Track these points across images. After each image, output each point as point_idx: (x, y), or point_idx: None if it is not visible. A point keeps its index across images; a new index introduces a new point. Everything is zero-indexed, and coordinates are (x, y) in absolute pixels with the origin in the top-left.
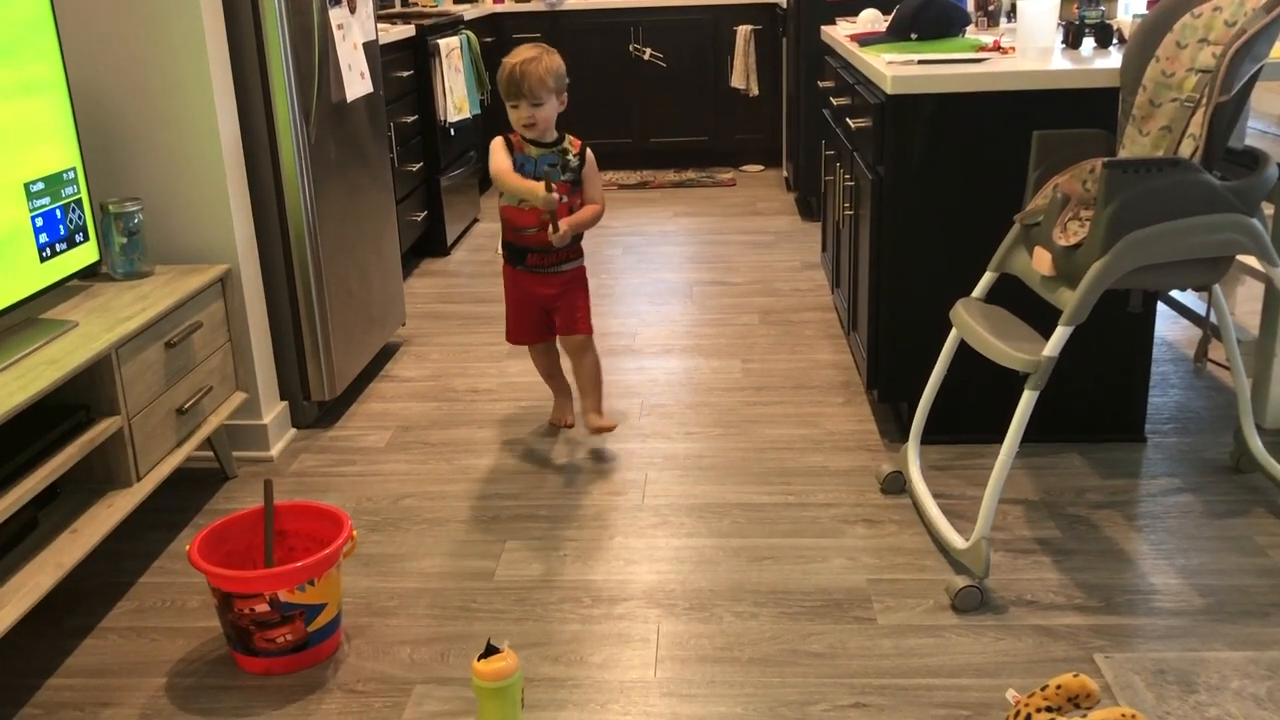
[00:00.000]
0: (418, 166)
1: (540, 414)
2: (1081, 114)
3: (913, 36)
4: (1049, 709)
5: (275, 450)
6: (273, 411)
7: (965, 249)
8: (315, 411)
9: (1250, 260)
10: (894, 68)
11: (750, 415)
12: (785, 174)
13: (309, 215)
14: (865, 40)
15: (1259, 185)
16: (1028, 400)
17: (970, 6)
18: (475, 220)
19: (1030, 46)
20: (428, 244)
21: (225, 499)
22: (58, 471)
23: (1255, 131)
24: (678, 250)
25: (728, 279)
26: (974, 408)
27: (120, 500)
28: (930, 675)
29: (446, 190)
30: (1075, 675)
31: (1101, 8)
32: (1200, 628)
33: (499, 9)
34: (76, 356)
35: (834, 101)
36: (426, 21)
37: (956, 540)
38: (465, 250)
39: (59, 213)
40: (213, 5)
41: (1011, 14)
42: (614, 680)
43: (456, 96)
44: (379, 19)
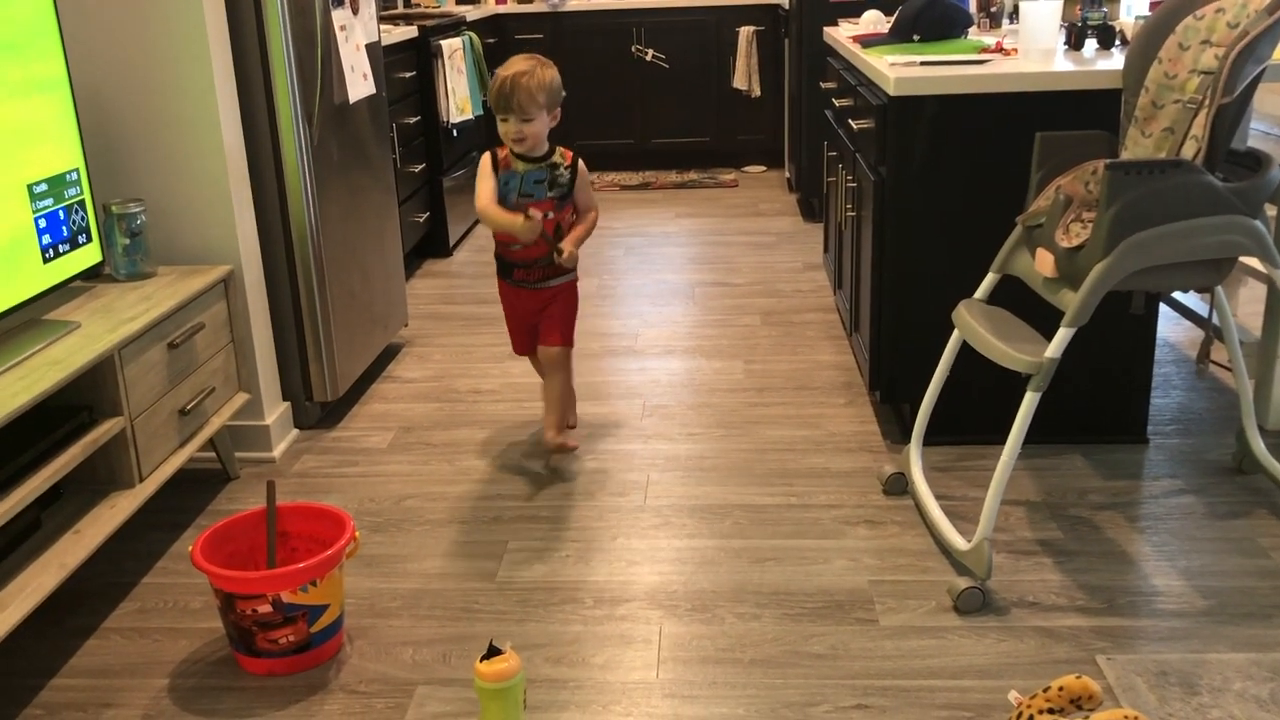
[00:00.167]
0: (420, 167)
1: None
2: (1084, 115)
3: (915, 38)
4: (1051, 711)
5: (277, 451)
6: (275, 412)
7: (967, 250)
8: (317, 412)
9: (1252, 262)
10: (896, 69)
11: (752, 416)
12: (787, 175)
13: (311, 216)
14: (867, 41)
15: (1262, 187)
16: (1030, 402)
17: (973, 8)
18: (477, 221)
19: (1032, 48)
20: (430, 245)
21: (228, 500)
22: (61, 472)
23: (1258, 133)
24: (679, 251)
25: (730, 280)
26: (976, 409)
27: (123, 501)
28: (932, 677)
29: (449, 191)
30: (1077, 677)
31: (1104, 9)
32: (1203, 629)
33: (501, 10)
34: (79, 357)
35: (836, 103)
36: (429, 22)
37: (959, 541)
38: (468, 251)
39: (62, 214)
40: (215, 6)
41: (1014, 15)
42: (616, 681)
43: (459, 97)
44: (381, 20)
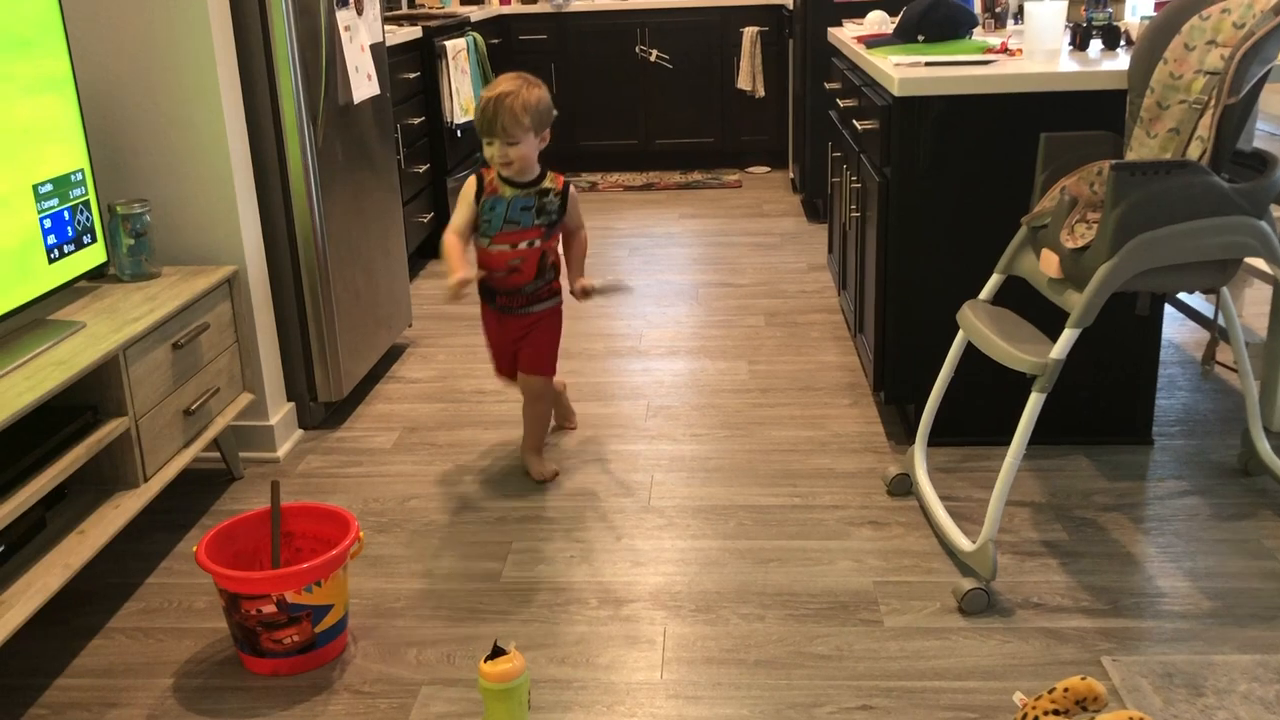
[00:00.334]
0: (424, 168)
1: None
2: (1089, 116)
3: (920, 38)
4: (1056, 712)
5: (282, 451)
6: (279, 412)
7: (972, 251)
8: (322, 412)
9: (1258, 263)
10: (901, 69)
11: (756, 417)
12: (791, 175)
13: (316, 217)
14: (872, 42)
15: (1268, 187)
16: (1035, 402)
17: (977, 9)
18: None
19: (1037, 48)
20: (434, 245)
21: (232, 500)
22: (65, 472)
23: (1264, 134)
24: (683, 252)
25: (734, 280)
26: (981, 410)
27: (127, 501)
28: (937, 678)
29: (453, 192)
30: (1083, 678)
31: (1109, 10)
32: (1208, 631)
33: (506, 10)
34: (84, 357)
35: (840, 103)
36: (433, 23)
37: (963, 542)
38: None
39: (67, 214)
40: (220, 7)
41: (1019, 16)
42: (620, 682)
43: (463, 98)
44: (385, 20)
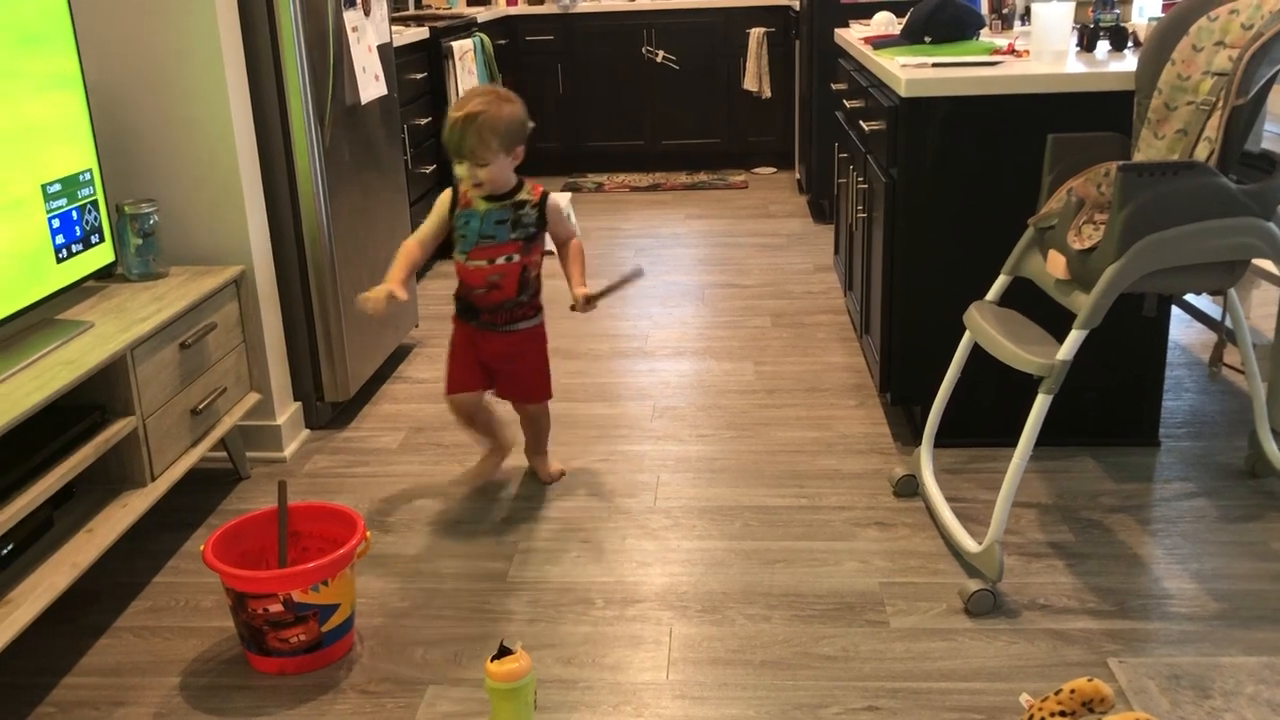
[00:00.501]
0: (431, 168)
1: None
2: (1096, 117)
3: (926, 39)
4: (1063, 714)
5: (289, 451)
6: (286, 412)
7: (979, 252)
8: (329, 412)
9: (1266, 264)
10: (908, 70)
11: (762, 418)
12: (797, 176)
13: (323, 217)
14: (879, 43)
15: (1276, 188)
16: (1041, 404)
17: (984, 10)
18: None
19: (1045, 50)
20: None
21: (239, 499)
22: (73, 471)
23: (1272, 135)
24: (689, 253)
25: (740, 281)
26: (987, 411)
27: (135, 500)
28: (943, 679)
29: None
30: (1089, 679)
31: (1116, 11)
32: (1215, 633)
33: (512, 11)
34: (92, 357)
35: (847, 104)
36: (440, 24)
37: (969, 544)
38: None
39: (75, 214)
40: (228, 7)
41: (1026, 17)
42: (626, 682)
43: None
44: (393, 21)
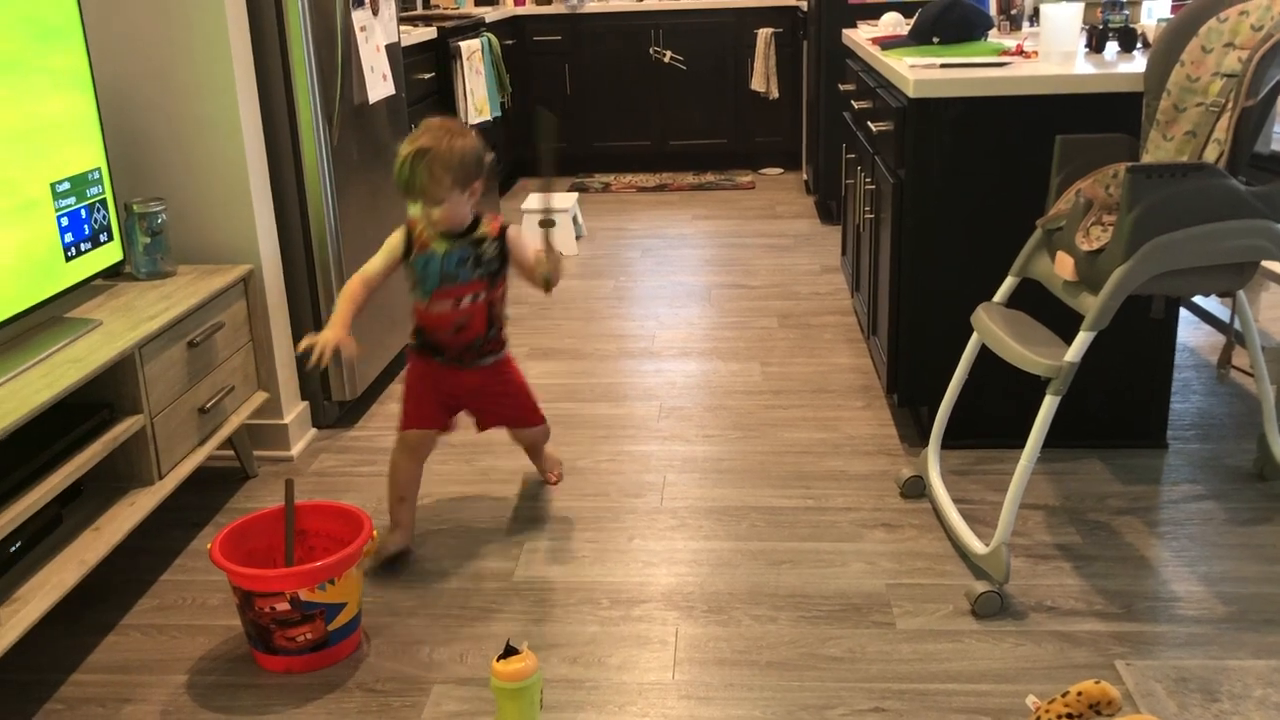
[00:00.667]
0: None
1: (559, 416)
2: (1105, 119)
3: (935, 40)
4: (1070, 716)
5: (296, 450)
6: (294, 411)
7: (987, 253)
8: (336, 411)
9: (1275, 266)
10: (916, 71)
11: (769, 419)
12: (805, 177)
13: (331, 216)
14: (887, 44)
15: None
16: (1049, 406)
17: (993, 10)
18: None
19: (1053, 51)
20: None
21: (246, 498)
22: (81, 469)
23: None
24: (696, 253)
25: (746, 282)
26: (994, 413)
27: (142, 498)
28: (950, 680)
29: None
30: (1096, 682)
31: (1125, 12)
32: (1223, 636)
33: (520, 11)
34: (100, 355)
35: (855, 105)
36: (448, 24)
37: (976, 545)
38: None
39: (84, 212)
40: (237, 6)
41: (1034, 18)
42: (632, 682)
43: (477, 99)
44: (401, 21)
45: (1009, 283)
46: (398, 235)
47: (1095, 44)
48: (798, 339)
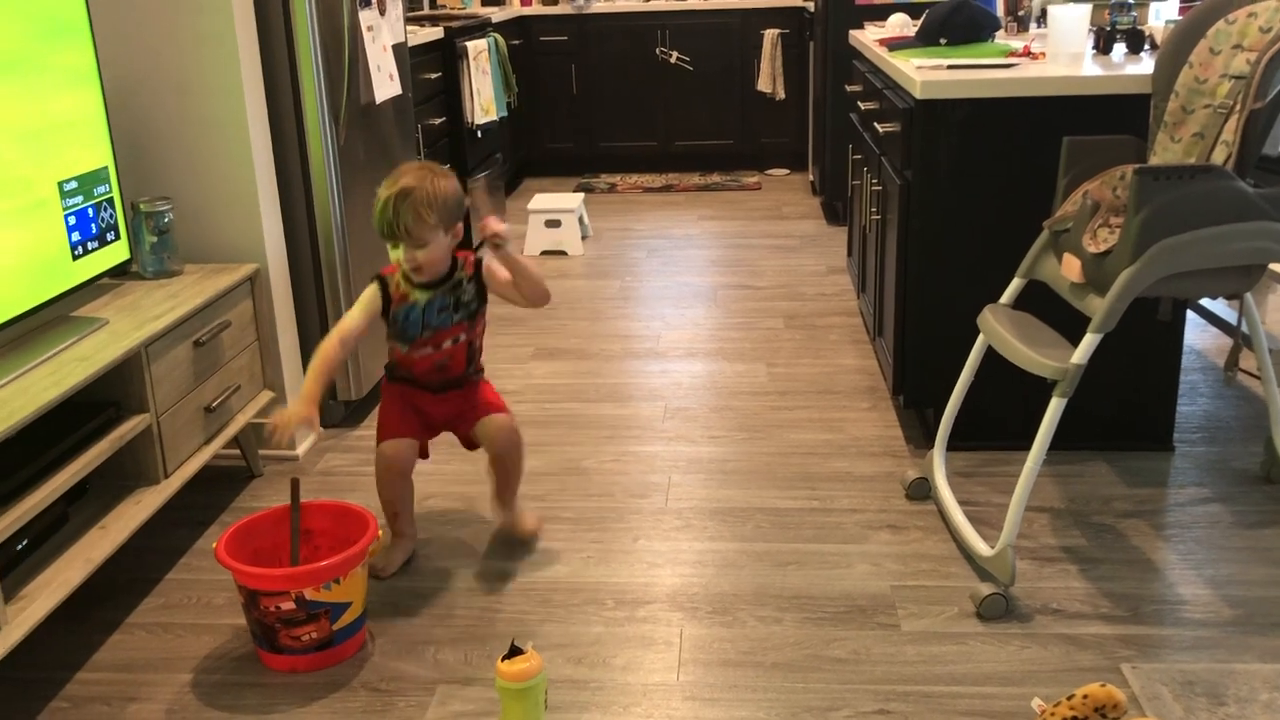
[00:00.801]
0: (445, 168)
1: (565, 416)
2: (1112, 120)
3: (942, 41)
4: (1075, 719)
5: (301, 449)
6: None
7: (993, 255)
8: (341, 411)
9: None
10: (923, 72)
11: (774, 420)
12: (811, 178)
13: (337, 216)
14: (894, 45)
15: None
16: (1055, 408)
17: (1000, 12)
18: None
19: (1061, 52)
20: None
21: (251, 497)
22: (87, 468)
23: None
24: (702, 254)
25: (752, 283)
26: (1000, 415)
27: (148, 497)
28: (955, 683)
29: (473, 192)
30: (1102, 685)
31: (1133, 13)
32: (1229, 639)
33: (527, 12)
34: (106, 354)
35: (862, 106)
36: (454, 24)
37: (982, 547)
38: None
39: (91, 211)
40: (244, 6)
41: (1042, 19)
42: (636, 683)
43: (484, 99)
44: (407, 21)
45: (1015, 284)
46: (373, 290)
47: (1103, 45)
48: (803, 340)
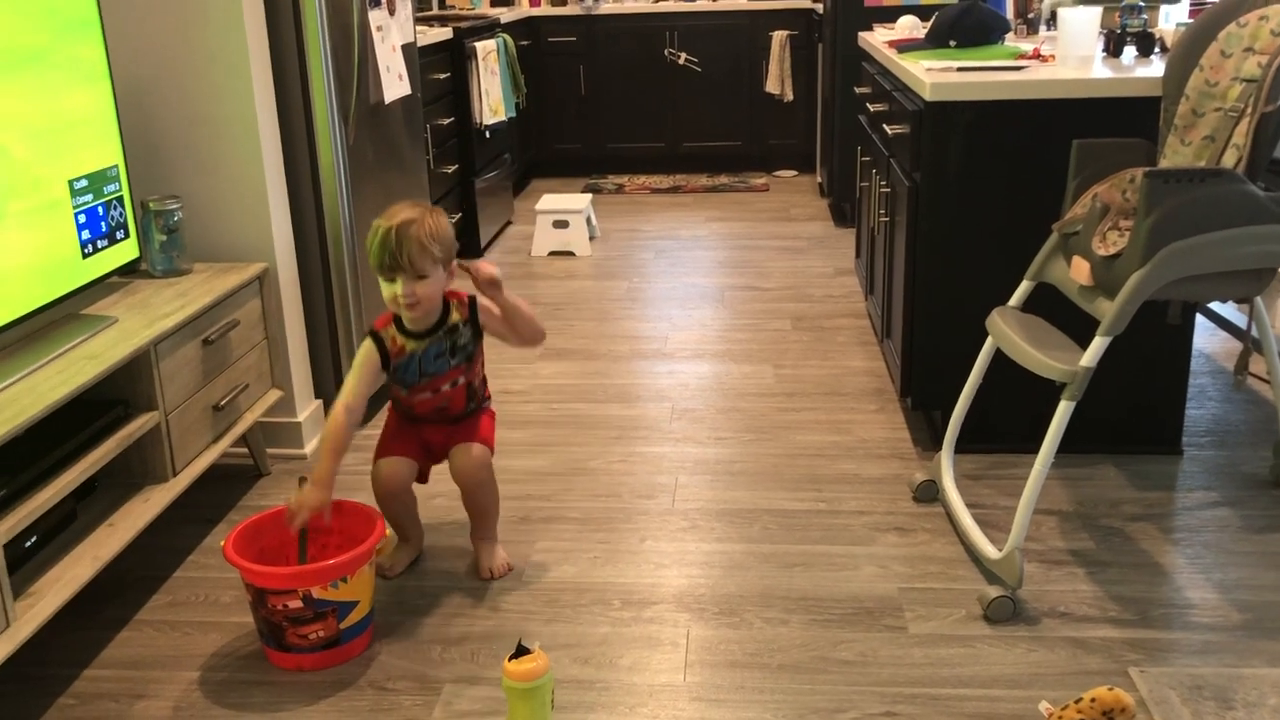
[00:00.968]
0: (453, 169)
1: (572, 416)
2: (1122, 123)
3: (951, 43)
4: None
5: (309, 448)
6: (307, 409)
7: (1002, 257)
8: None
9: None
10: (933, 74)
11: (782, 421)
12: (819, 180)
13: (346, 215)
14: (903, 47)
15: None
16: (1064, 411)
17: (1010, 14)
18: (509, 223)
19: (1071, 55)
20: (461, 246)
21: (259, 495)
22: (96, 465)
23: None
24: (710, 255)
25: (760, 284)
26: (1009, 417)
27: (157, 495)
28: (962, 685)
29: (481, 193)
30: (1110, 689)
31: (1143, 16)
32: (1238, 644)
33: (535, 12)
34: (116, 352)
35: (870, 108)
36: (463, 24)
37: (989, 550)
38: (498, 253)
39: (101, 210)
40: (254, 5)
41: (1051, 22)
42: (643, 683)
43: (492, 99)
44: (416, 21)
45: (1024, 287)
46: (369, 347)
47: (1113, 48)
48: (811, 342)
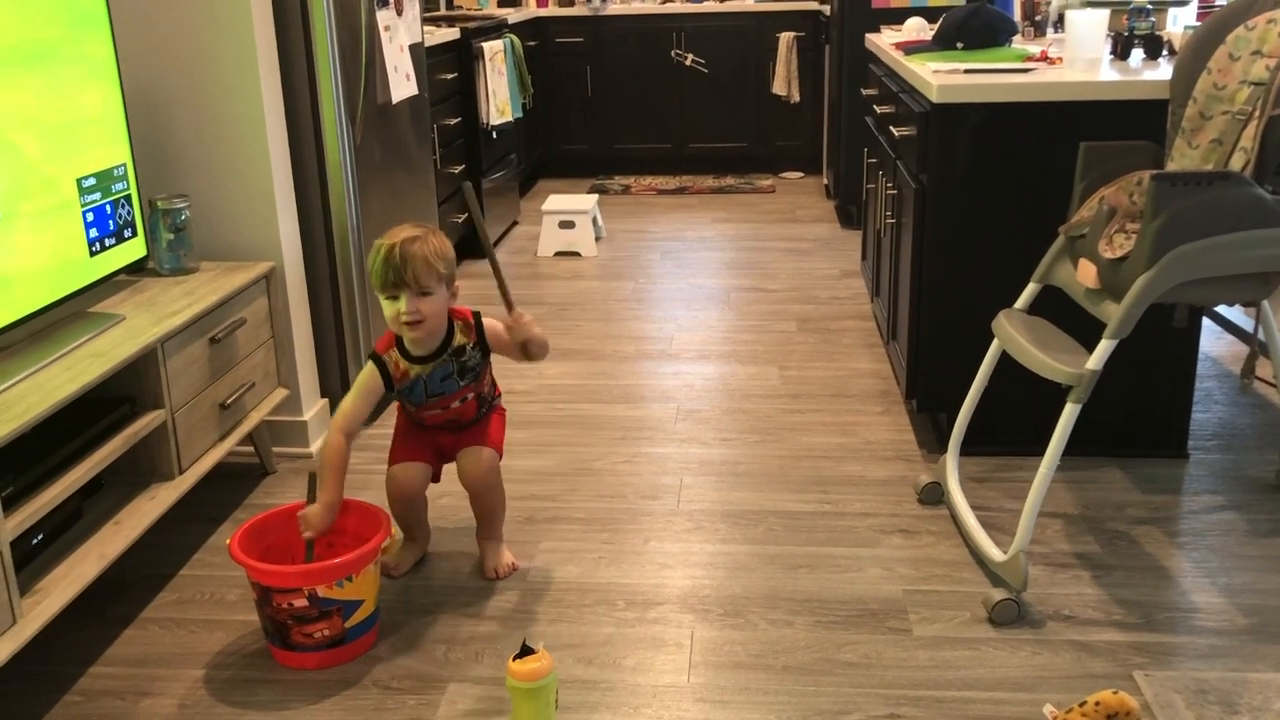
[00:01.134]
0: (460, 169)
1: (577, 416)
2: (1129, 126)
3: (959, 45)
4: None
5: (315, 447)
6: (313, 408)
7: (1009, 260)
8: None
9: None
10: (940, 76)
11: (787, 423)
12: (825, 181)
13: (353, 215)
14: (910, 49)
15: None
16: (1070, 413)
17: (1017, 16)
18: (515, 223)
19: (1078, 57)
20: (468, 246)
21: (265, 494)
22: (103, 463)
23: None
24: (716, 256)
25: (766, 286)
26: (1014, 420)
27: (163, 493)
28: (966, 688)
29: (487, 193)
30: (1114, 692)
31: (1151, 19)
32: (1243, 648)
33: (543, 13)
34: (123, 350)
35: (877, 109)
36: (471, 24)
37: (994, 553)
38: (505, 253)
39: (109, 208)
40: (262, 5)
41: (1059, 24)
42: (647, 684)
43: (499, 99)
44: (424, 21)
45: (1031, 289)
46: (370, 371)
47: (1120, 51)
48: (816, 343)
